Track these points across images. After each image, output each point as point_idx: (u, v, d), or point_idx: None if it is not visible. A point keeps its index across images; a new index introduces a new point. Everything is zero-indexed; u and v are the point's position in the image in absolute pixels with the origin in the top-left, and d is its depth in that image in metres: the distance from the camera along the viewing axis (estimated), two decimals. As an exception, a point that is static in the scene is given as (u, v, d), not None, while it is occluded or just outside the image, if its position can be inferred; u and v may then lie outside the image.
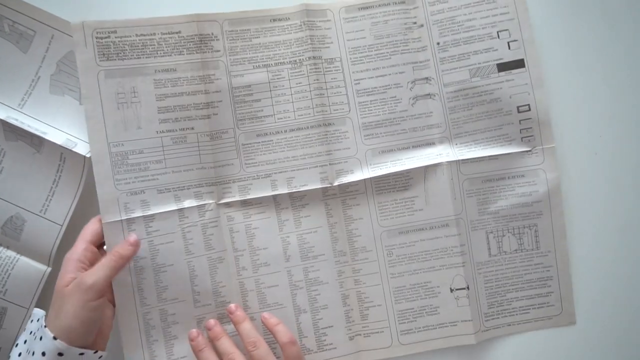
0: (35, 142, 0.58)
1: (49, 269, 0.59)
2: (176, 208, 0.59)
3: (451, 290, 0.61)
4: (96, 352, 0.53)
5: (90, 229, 0.57)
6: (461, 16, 0.62)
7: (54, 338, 0.51)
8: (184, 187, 0.59)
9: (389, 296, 0.61)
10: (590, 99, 0.63)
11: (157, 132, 0.59)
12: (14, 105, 0.59)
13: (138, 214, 0.58)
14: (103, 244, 0.58)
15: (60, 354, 0.50)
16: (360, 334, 0.61)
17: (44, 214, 0.59)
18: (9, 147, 0.58)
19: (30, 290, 0.58)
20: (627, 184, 0.63)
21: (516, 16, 0.61)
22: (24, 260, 0.59)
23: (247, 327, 0.57)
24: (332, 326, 0.61)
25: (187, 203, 0.59)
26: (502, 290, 0.62)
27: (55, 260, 0.59)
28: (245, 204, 0.61)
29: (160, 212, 0.59)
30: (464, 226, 0.61)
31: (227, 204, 0.60)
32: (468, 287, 0.61)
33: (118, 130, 0.58)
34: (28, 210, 0.59)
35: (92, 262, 0.55)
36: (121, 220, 0.58)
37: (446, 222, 0.61)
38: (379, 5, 0.62)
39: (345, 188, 0.61)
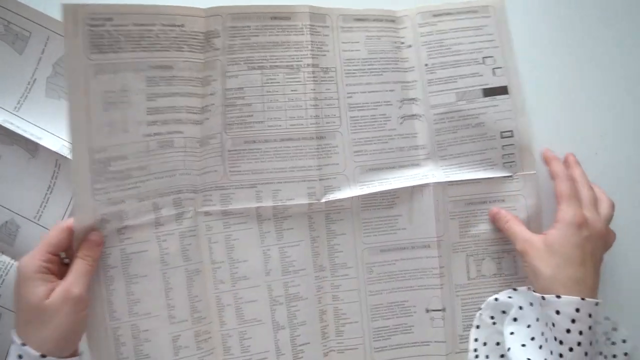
0: (31, 147, 0.58)
1: None
2: (154, 217, 0.55)
3: (427, 311, 0.62)
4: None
5: (56, 238, 0.52)
6: (449, 40, 0.63)
7: (42, 356, 0.47)
8: (163, 193, 0.56)
9: (366, 313, 0.61)
10: (576, 129, 0.66)
11: (144, 135, 0.54)
12: (10, 108, 0.58)
13: (113, 226, 0.54)
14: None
15: None
16: (334, 350, 0.61)
17: (38, 220, 0.58)
18: (4, 151, 0.58)
19: None
20: (627, 184, 0.66)
21: (500, 44, 0.64)
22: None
23: None
24: (309, 343, 0.60)
25: (165, 211, 0.56)
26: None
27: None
28: (226, 213, 0.58)
29: (136, 222, 0.55)
30: (445, 248, 0.62)
31: (207, 213, 0.58)
32: (444, 309, 0.62)
33: (102, 135, 0.51)
34: (22, 216, 0.58)
35: (54, 272, 0.51)
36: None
37: (428, 243, 0.62)
38: (374, 20, 0.62)
39: (331, 203, 0.60)
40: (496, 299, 0.61)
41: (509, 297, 0.60)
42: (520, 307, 0.58)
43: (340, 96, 0.61)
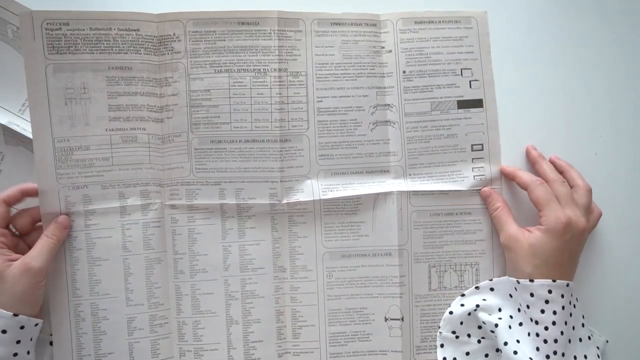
0: None
1: None
2: (119, 205, 0.59)
3: (385, 320, 0.62)
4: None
5: (9, 192, 0.57)
6: (429, 49, 0.63)
7: (15, 315, 0.53)
8: (130, 184, 0.60)
9: (323, 317, 0.62)
10: (576, 129, 0.65)
11: (106, 129, 0.59)
12: (15, 110, 0.61)
13: (78, 208, 0.59)
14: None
15: (22, 327, 0.54)
16: (289, 352, 0.62)
17: None
18: (9, 151, 0.61)
19: None
20: (628, 184, 0.65)
21: (479, 57, 0.63)
22: None
23: None
24: (262, 341, 0.62)
25: (131, 201, 0.60)
26: (437, 326, 0.63)
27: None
28: (191, 208, 0.61)
29: (101, 207, 0.59)
30: (406, 257, 0.62)
31: (173, 206, 0.61)
32: (402, 319, 0.62)
33: (64, 127, 0.58)
34: None
35: (7, 244, 0.56)
36: (60, 212, 0.59)
37: (389, 251, 0.62)
38: (351, 24, 0.62)
39: (293, 205, 0.62)
40: (451, 312, 0.61)
41: (484, 300, 0.60)
42: (500, 309, 0.59)
43: (310, 100, 0.62)
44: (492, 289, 0.61)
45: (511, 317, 0.58)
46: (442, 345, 0.61)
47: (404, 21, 0.63)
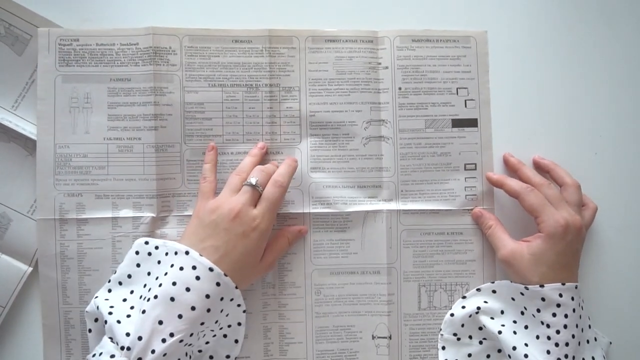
0: (29, 145, 0.63)
1: (30, 269, 0.62)
2: (111, 216, 0.61)
3: (373, 338, 0.63)
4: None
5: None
6: (425, 67, 0.64)
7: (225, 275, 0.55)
8: (123, 195, 0.62)
9: (311, 335, 0.63)
10: (576, 129, 0.66)
11: (104, 138, 0.62)
12: (8, 107, 0.63)
13: (72, 215, 0.61)
14: None
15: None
16: (276, 369, 0.63)
17: (32, 214, 0.63)
18: (2, 148, 0.63)
19: (8, 289, 0.61)
20: (627, 184, 0.65)
21: (477, 76, 0.64)
22: (5, 258, 0.62)
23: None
24: (249, 357, 0.63)
25: (124, 213, 0.62)
26: (426, 345, 0.63)
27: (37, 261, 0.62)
28: (182, 221, 0.62)
29: (94, 217, 0.61)
30: (395, 276, 0.63)
31: (163, 219, 0.62)
32: (390, 337, 0.63)
33: (66, 133, 0.62)
34: (15, 210, 0.63)
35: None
36: (54, 219, 0.61)
37: (378, 269, 0.63)
38: (346, 41, 0.64)
39: (283, 221, 0.63)
40: (452, 314, 0.62)
41: (485, 302, 0.61)
42: (502, 312, 0.60)
43: (303, 114, 0.63)
44: (494, 291, 0.61)
45: (515, 321, 0.58)
46: (443, 348, 0.62)
47: (401, 38, 0.64)
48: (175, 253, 0.55)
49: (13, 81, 0.63)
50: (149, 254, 0.57)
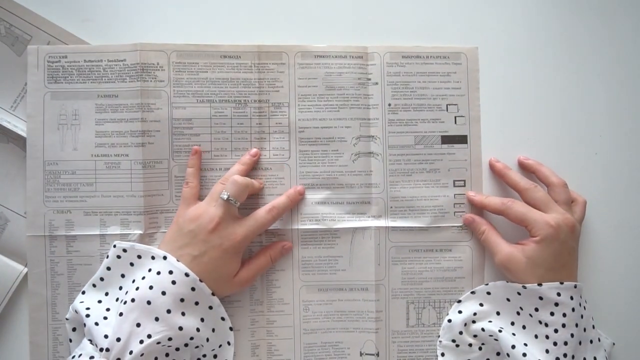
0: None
1: (25, 270, 0.63)
2: (99, 233, 0.62)
3: (360, 354, 0.63)
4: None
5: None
6: (415, 83, 0.64)
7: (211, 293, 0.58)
8: (111, 212, 0.62)
9: (299, 352, 0.63)
10: (576, 129, 0.66)
11: (92, 155, 0.63)
12: (7, 107, 0.64)
13: (61, 232, 0.62)
14: None
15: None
16: (264, 386, 0.63)
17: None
18: (0, 148, 0.64)
19: (3, 288, 0.62)
20: (628, 184, 0.66)
21: (467, 93, 0.64)
22: (1, 258, 0.62)
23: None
24: (237, 373, 0.63)
25: (111, 230, 0.62)
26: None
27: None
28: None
29: (82, 235, 0.62)
30: (384, 292, 0.63)
31: (151, 236, 0.62)
32: (378, 354, 0.63)
33: (55, 150, 0.62)
34: (12, 211, 0.64)
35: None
36: (44, 235, 0.62)
37: (366, 286, 0.63)
38: (336, 57, 0.64)
39: (271, 237, 0.63)
40: (449, 320, 0.62)
41: (481, 305, 0.61)
42: (498, 313, 0.60)
43: (292, 130, 0.64)
44: (488, 293, 0.61)
45: (512, 323, 0.59)
46: (442, 354, 0.62)
47: (391, 54, 0.65)
48: (153, 258, 0.58)
49: (12, 81, 0.63)
50: (118, 257, 0.59)
